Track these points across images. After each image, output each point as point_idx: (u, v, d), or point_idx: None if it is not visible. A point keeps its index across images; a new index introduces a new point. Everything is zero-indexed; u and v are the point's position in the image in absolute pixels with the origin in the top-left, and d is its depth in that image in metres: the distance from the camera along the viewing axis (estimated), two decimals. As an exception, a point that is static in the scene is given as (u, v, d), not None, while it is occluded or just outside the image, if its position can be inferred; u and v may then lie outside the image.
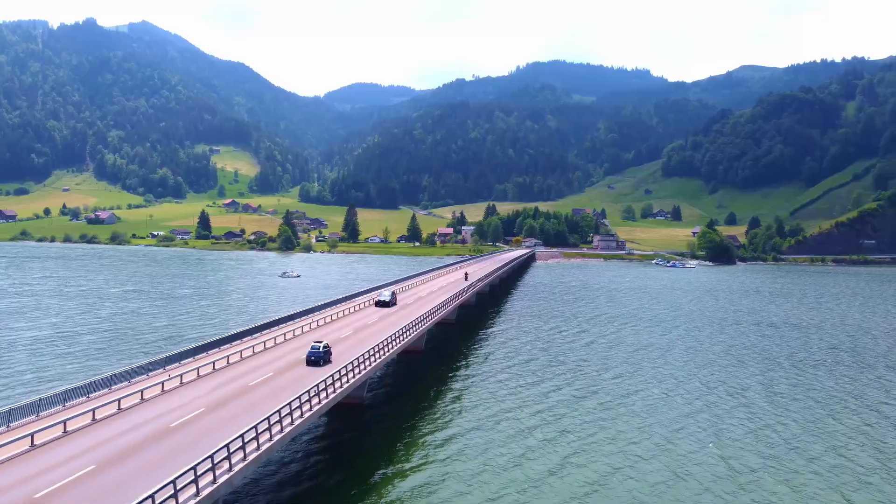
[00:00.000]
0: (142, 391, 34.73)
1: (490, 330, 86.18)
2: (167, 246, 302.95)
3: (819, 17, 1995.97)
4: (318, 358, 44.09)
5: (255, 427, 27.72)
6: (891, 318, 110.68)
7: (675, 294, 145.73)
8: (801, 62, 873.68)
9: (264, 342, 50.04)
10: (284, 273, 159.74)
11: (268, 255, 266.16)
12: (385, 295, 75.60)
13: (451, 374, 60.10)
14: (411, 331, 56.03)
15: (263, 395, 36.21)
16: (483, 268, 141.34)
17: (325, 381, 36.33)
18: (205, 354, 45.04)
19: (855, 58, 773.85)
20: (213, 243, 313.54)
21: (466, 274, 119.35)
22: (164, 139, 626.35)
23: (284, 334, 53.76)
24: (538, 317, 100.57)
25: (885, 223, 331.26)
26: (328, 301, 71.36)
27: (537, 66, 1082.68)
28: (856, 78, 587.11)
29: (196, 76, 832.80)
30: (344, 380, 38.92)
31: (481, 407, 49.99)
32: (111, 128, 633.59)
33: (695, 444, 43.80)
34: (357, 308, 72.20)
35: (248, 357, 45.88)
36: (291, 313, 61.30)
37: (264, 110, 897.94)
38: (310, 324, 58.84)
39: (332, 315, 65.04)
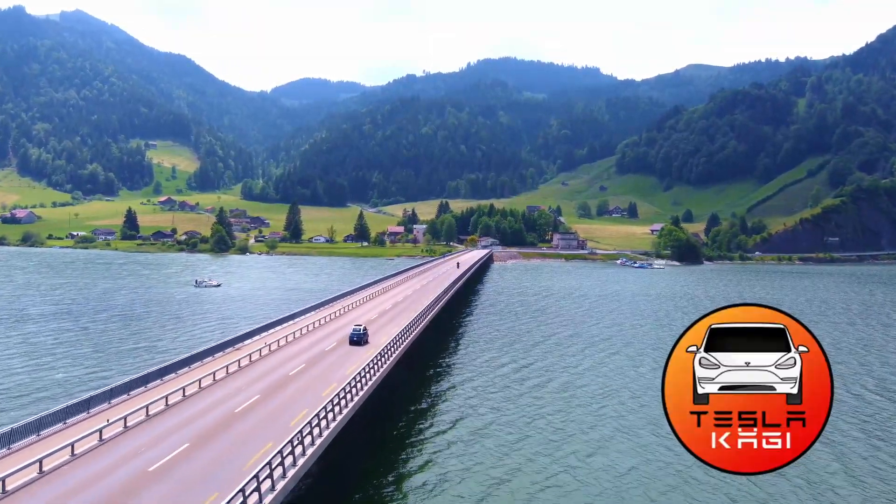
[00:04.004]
0: None
1: (444, 369, 64.50)
2: (85, 248, 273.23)
3: (758, 21, 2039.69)
4: None
5: None
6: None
7: (654, 303, 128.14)
8: (747, 61, 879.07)
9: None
10: (200, 282, 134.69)
11: (198, 257, 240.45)
12: None
13: (385, 461, 39.32)
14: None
15: None
16: (444, 276, 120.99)
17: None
18: None
19: (798, 57, 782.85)
20: (138, 244, 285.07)
21: (458, 263, 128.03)
22: (95, 133, 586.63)
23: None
24: (503, 343, 79.32)
25: (847, 220, 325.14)
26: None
27: (488, 63, 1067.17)
28: (803, 75, 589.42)
29: (133, 68, 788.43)
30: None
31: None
32: (37, 120, 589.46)
33: None
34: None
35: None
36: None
37: (207, 104, 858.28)
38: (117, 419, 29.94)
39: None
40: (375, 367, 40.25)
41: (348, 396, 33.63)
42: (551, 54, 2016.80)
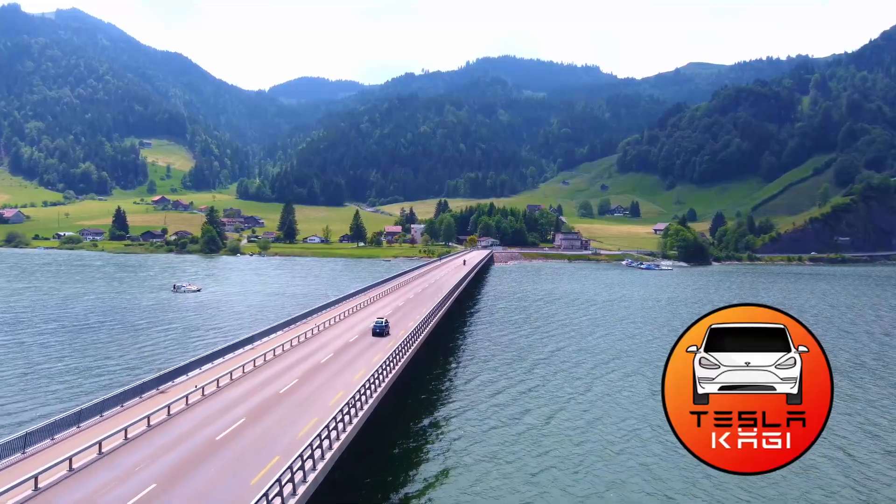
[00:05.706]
0: None
1: (442, 394, 55.42)
2: (71, 249, 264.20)
3: (758, 20, 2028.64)
4: None
5: None
6: None
7: (667, 310, 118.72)
8: (748, 59, 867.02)
9: None
10: (178, 286, 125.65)
11: (185, 258, 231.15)
12: None
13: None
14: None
15: None
16: (443, 281, 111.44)
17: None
18: None
19: (800, 55, 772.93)
20: (126, 245, 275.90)
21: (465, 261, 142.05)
22: (89, 131, 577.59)
23: None
24: (500, 361, 69.11)
25: (857, 219, 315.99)
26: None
27: (487, 62, 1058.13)
28: (806, 73, 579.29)
29: (128, 66, 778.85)
30: None
31: None
32: (29, 118, 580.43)
33: None
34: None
35: None
36: None
37: (203, 103, 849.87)
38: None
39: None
40: (340, 424, 30.33)
41: (289, 486, 23.53)
42: (550, 53, 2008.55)
